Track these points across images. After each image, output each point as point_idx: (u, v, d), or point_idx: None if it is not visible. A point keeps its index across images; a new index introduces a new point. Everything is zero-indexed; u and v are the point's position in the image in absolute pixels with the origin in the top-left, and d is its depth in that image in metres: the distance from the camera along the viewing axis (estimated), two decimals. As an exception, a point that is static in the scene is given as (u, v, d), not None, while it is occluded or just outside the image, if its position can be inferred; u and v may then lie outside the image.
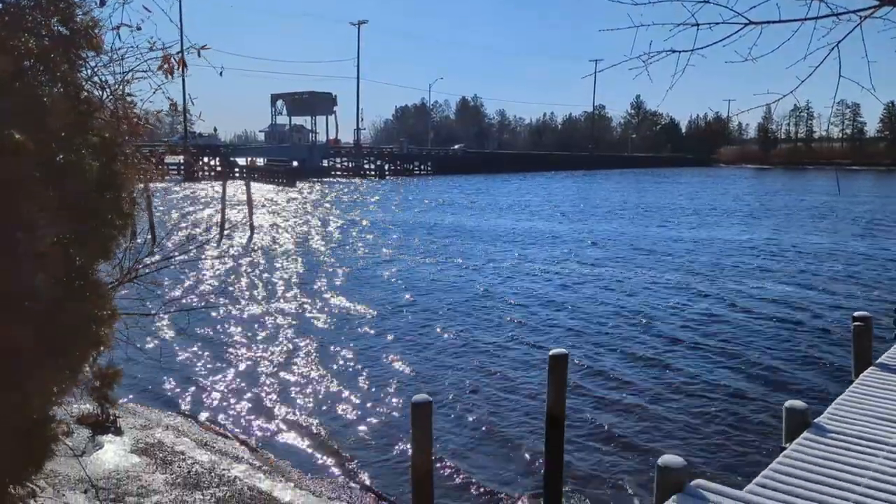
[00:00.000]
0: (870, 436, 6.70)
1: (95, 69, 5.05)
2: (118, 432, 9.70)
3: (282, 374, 12.88)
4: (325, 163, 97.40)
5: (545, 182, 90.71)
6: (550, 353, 7.89)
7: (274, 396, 11.71)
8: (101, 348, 4.78)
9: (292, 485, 8.45)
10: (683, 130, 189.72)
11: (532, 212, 48.07)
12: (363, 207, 51.39)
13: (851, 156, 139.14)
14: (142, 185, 5.89)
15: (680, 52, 4.50)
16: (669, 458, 5.54)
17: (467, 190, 72.47)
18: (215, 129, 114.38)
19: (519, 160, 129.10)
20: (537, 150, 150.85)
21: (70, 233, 4.64)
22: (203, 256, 25.46)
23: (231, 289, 20.81)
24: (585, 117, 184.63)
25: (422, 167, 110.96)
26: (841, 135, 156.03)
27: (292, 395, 11.75)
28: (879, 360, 9.25)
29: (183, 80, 6.10)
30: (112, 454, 8.93)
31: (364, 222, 40.59)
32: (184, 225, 33.55)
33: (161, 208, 39.70)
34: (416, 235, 34.56)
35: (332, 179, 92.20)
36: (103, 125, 4.69)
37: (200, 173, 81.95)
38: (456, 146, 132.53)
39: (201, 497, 7.84)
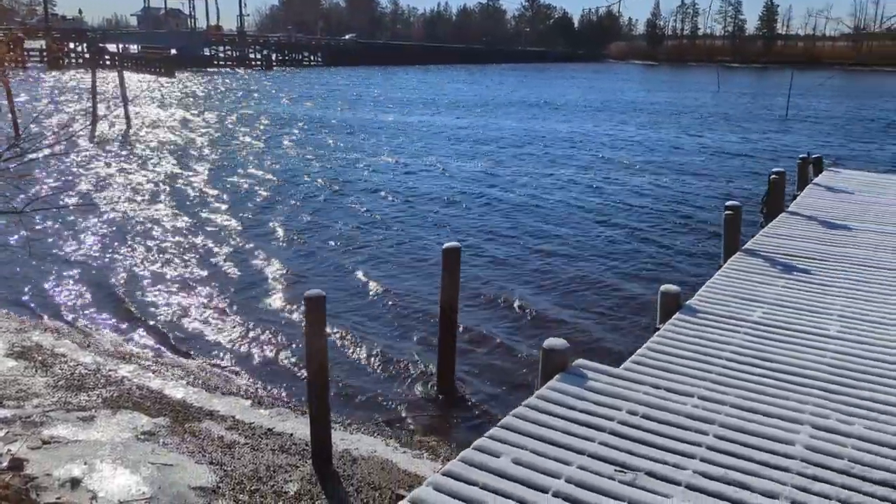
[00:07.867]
0: (733, 314, 7.29)
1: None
2: (-10, 337, 9.18)
3: (163, 272, 12.45)
4: (206, 51, 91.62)
5: (439, 75, 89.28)
6: (444, 246, 7.99)
7: (157, 296, 11.33)
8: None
9: (184, 382, 8.33)
10: (576, 26, 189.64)
11: (425, 105, 47.43)
12: (248, 99, 49.03)
13: (731, 53, 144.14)
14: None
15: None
16: (554, 341, 5.83)
17: (359, 83, 70.41)
18: (80, 12, 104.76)
19: (413, 52, 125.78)
20: (431, 42, 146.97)
21: None
22: (73, 151, 23.73)
23: (104, 185, 19.61)
24: (480, 9, 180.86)
25: (312, 58, 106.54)
26: (723, 32, 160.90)
27: (176, 294, 11.42)
28: (746, 246, 9.98)
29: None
30: (-15, 359, 8.47)
31: (249, 115, 38.80)
32: (50, 116, 30.90)
33: (23, 98, 36.31)
34: (305, 129, 33.49)
35: (214, 69, 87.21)
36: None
37: (66, 61, 75.25)
38: (347, 36, 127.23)
39: (87, 398, 7.62)
